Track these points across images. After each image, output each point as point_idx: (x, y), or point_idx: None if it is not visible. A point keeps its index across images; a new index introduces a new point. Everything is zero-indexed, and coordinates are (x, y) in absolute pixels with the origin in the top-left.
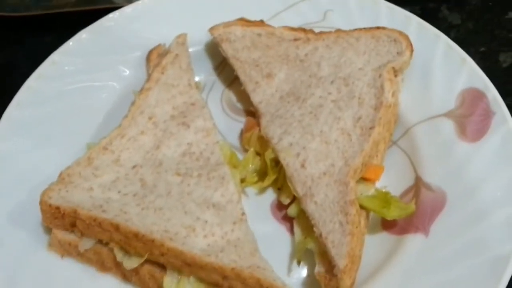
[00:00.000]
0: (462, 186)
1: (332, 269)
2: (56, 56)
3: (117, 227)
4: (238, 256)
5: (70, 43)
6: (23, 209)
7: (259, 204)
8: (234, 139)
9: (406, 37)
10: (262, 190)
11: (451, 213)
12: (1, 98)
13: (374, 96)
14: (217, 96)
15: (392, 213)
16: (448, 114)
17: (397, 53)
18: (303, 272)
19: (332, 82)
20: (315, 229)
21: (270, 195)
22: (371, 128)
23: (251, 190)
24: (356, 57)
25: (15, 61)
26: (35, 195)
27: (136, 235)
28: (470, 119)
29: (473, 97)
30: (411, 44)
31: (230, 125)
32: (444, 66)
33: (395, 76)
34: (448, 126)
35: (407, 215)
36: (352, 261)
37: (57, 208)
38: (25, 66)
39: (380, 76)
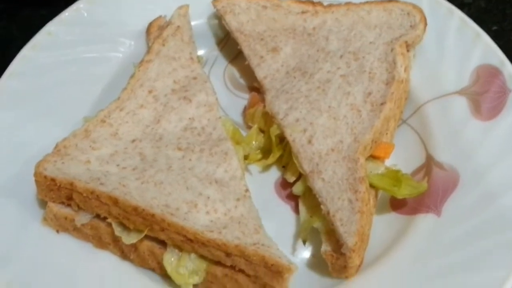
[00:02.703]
0: (476, 165)
1: (339, 248)
2: (51, 27)
3: (115, 201)
4: (242, 233)
5: (66, 13)
6: (16, 182)
7: (262, 183)
8: (236, 116)
9: (420, 11)
10: (266, 168)
11: (464, 192)
12: None
13: (385, 70)
14: (220, 72)
15: (403, 192)
16: (461, 92)
17: (410, 26)
18: (308, 252)
19: (341, 56)
20: (322, 206)
21: (274, 173)
22: (382, 103)
23: (255, 168)
24: (366, 30)
25: (10, 34)
26: (29, 168)
27: (135, 209)
28: (484, 97)
29: (488, 74)
30: (425, 18)
31: (233, 101)
32: (458, 41)
33: (407, 51)
34: (462, 104)
35: (418, 193)
36: (361, 239)
37: (53, 179)
38: (20, 39)
39: (392, 50)
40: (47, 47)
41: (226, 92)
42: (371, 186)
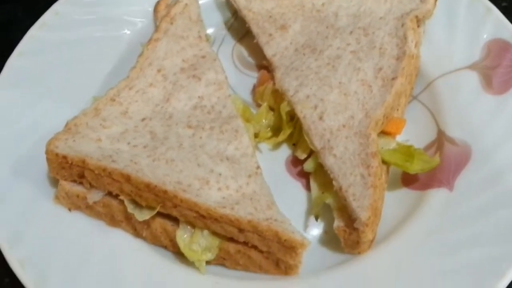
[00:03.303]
0: (488, 140)
1: (352, 223)
2: (58, 6)
3: (128, 178)
4: (255, 208)
5: None
6: (27, 161)
7: (273, 160)
8: (246, 95)
9: None
10: (276, 146)
11: (476, 167)
12: (3, 54)
13: (396, 46)
14: (228, 51)
15: (415, 167)
16: (472, 66)
17: (421, 1)
18: (320, 228)
19: (351, 32)
20: (334, 182)
21: (284, 151)
22: (394, 78)
23: (265, 146)
24: (376, 6)
25: (15, 16)
26: (40, 147)
27: (147, 186)
28: (496, 71)
29: (499, 48)
30: None
31: (242, 80)
32: (468, 16)
33: (418, 26)
34: (473, 79)
35: (431, 168)
36: (375, 214)
37: (64, 157)
38: (25, 21)
39: (402, 25)
40: (55, 27)
41: (234, 71)
42: (383, 161)
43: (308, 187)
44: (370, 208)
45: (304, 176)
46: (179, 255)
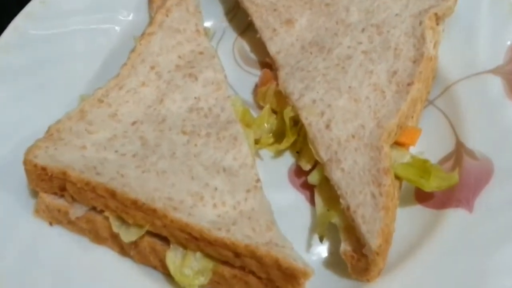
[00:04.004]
0: None
1: (360, 248)
2: None
3: (113, 193)
4: (253, 230)
5: None
6: (6, 168)
7: (275, 169)
8: (247, 94)
9: None
10: (278, 153)
11: (498, 185)
12: None
13: (413, 47)
14: (229, 45)
15: (432, 184)
16: (495, 71)
17: None
18: (325, 247)
19: (363, 30)
20: (341, 200)
21: (287, 159)
22: (409, 84)
23: (266, 153)
24: (392, 1)
25: (3, 3)
26: (20, 152)
27: (135, 203)
28: None
29: None
30: None
31: (243, 78)
32: (492, 15)
33: (437, 24)
34: (496, 84)
35: (448, 186)
36: (386, 240)
37: (44, 168)
38: (14, 8)
39: (420, 23)
40: (41, 17)
41: (235, 68)
42: (396, 176)
43: (312, 200)
44: (382, 233)
45: (308, 188)
46: (170, 276)
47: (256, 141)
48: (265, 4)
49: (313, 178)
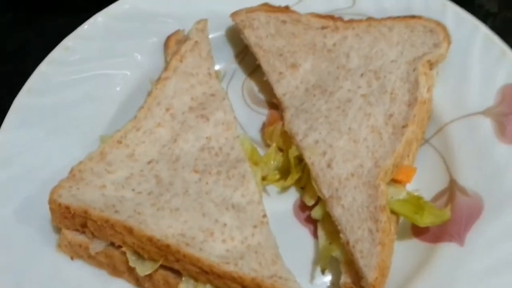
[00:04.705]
0: (501, 192)
1: (359, 281)
2: (69, 41)
3: (130, 230)
4: (259, 264)
5: (85, 26)
6: (31, 205)
7: (281, 204)
8: (255, 132)
9: (444, 28)
10: (284, 189)
11: (488, 221)
12: (14, 84)
13: (407, 91)
14: (238, 86)
15: (425, 220)
16: (486, 112)
17: (434, 44)
18: (327, 279)
19: (362, 74)
20: (341, 235)
21: (293, 194)
22: (404, 126)
23: (273, 189)
24: (388, 48)
25: (26, 45)
26: (45, 190)
27: (150, 239)
28: (510, 118)
29: None
30: (448, 36)
31: (252, 117)
32: (483, 59)
33: (430, 69)
34: (486, 125)
35: (441, 222)
36: (382, 273)
37: (67, 207)
38: (37, 51)
39: (414, 69)
40: (64, 63)
41: (244, 107)
42: (393, 212)
43: (315, 234)
44: (378, 267)
45: (312, 222)
46: None
47: (263, 178)
48: (272, 49)
49: (316, 213)
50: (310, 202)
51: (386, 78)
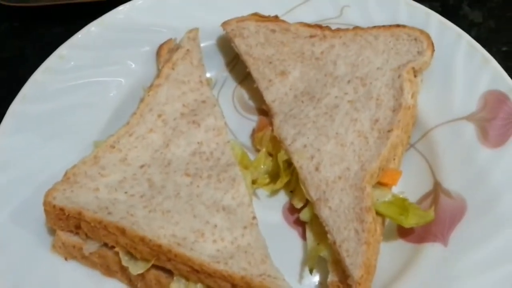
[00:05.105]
0: (483, 194)
1: (346, 279)
2: (63, 50)
3: (123, 231)
4: (248, 263)
5: (79, 35)
6: (26, 208)
7: (270, 207)
8: (245, 138)
9: (427, 36)
10: (274, 193)
11: (471, 222)
12: (9, 92)
13: (392, 97)
14: (229, 93)
15: (410, 221)
16: (469, 117)
17: (418, 52)
18: (315, 279)
19: (348, 81)
20: (329, 236)
21: (282, 198)
22: (389, 131)
23: (263, 192)
24: (374, 56)
25: (23, 53)
26: (39, 193)
27: (142, 240)
28: (492, 123)
29: (496, 100)
30: (432, 44)
31: (242, 123)
32: (466, 66)
33: (415, 76)
34: (469, 130)
35: (425, 223)
36: (368, 271)
37: (62, 209)
38: (33, 58)
39: (399, 76)
40: (59, 71)
41: (235, 114)
42: (378, 214)
43: (304, 236)
44: (363, 266)
45: (301, 224)
46: None
47: (253, 182)
48: (261, 57)
49: (305, 216)
50: (298, 204)
51: (372, 84)
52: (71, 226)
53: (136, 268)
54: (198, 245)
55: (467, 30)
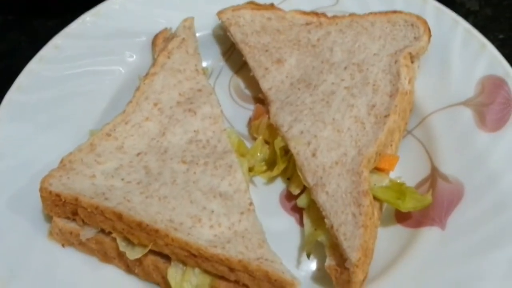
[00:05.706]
0: (481, 178)
1: (343, 262)
2: (58, 40)
3: (120, 216)
4: (246, 247)
5: (73, 25)
6: (23, 196)
7: (267, 194)
8: (242, 127)
9: (424, 22)
10: (270, 180)
11: (468, 205)
12: (4, 84)
13: (389, 82)
14: (225, 83)
15: (407, 205)
16: (466, 103)
17: (414, 38)
18: (313, 265)
19: (345, 68)
20: (326, 220)
21: (279, 185)
22: (386, 116)
23: (259, 180)
24: (370, 42)
25: (18, 46)
26: (36, 182)
27: (139, 225)
28: (490, 108)
29: (493, 84)
30: (429, 29)
31: (238, 112)
32: (463, 52)
33: (412, 62)
34: (467, 115)
35: (423, 207)
36: (365, 254)
37: (58, 195)
38: (28, 50)
39: (396, 62)
40: (54, 60)
41: (231, 103)
42: (376, 199)
43: (301, 222)
44: (361, 248)
45: (298, 211)
46: None
47: (250, 169)
48: (257, 45)
49: (302, 202)
50: (295, 191)
51: (368, 70)
52: (67, 213)
53: (133, 254)
54: (195, 230)
55: (464, 18)
